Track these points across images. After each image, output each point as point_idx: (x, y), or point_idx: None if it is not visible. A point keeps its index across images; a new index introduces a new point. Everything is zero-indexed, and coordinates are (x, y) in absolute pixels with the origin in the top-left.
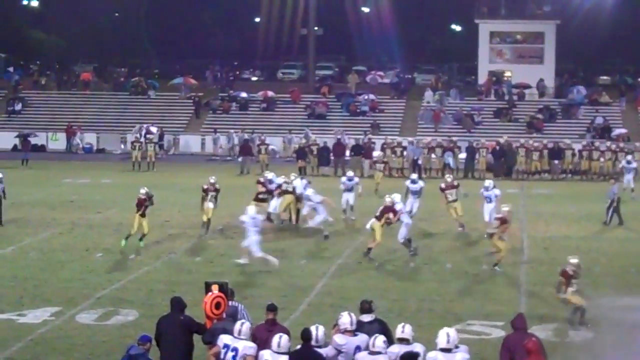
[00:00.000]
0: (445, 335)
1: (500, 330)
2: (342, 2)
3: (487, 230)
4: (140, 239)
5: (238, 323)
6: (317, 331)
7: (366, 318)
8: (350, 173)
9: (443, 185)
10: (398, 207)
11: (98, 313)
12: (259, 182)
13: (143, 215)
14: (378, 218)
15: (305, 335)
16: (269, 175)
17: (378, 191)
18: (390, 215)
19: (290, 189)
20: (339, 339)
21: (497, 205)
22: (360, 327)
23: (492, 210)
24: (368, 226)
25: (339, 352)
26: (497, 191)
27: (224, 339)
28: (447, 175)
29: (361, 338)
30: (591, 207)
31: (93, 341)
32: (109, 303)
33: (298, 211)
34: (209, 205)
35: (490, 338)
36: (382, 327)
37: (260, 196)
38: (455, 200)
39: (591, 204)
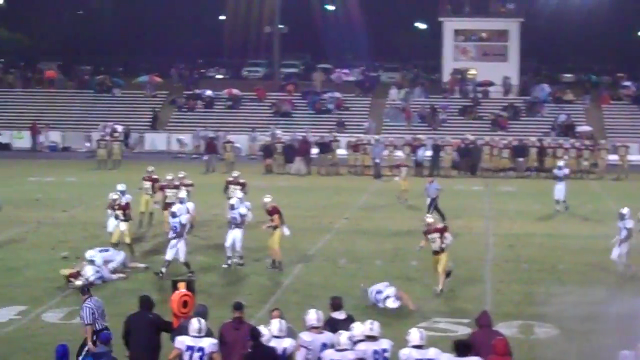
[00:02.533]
0: (418, 332)
1: (465, 328)
2: (307, 0)
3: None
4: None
5: (195, 321)
6: (280, 324)
7: (339, 315)
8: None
9: (425, 229)
10: None
11: (64, 312)
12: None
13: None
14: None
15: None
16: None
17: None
18: None
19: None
20: (305, 336)
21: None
22: (335, 324)
23: None
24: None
25: (307, 349)
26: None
27: (184, 340)
28: (427, 216)
29: (327, 336)
30: (566, 202)
31: (59, 340)
32: (75, 302)
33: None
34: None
35: (456, 335)
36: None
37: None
38: (441, 251)
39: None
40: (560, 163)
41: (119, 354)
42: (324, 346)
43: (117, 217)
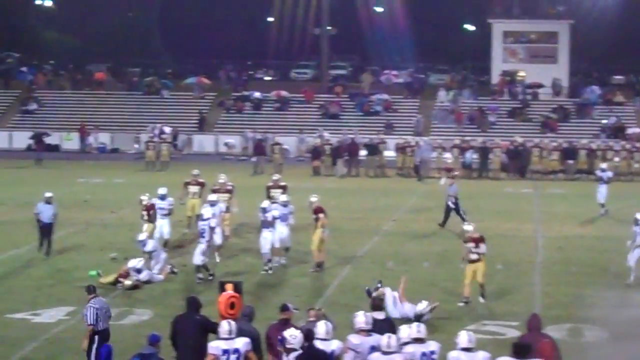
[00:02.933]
0: (467, 335)
1: (514, 330)
2: (355, 1)
3: None
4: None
5: (224, 323)
6: (327, 326)
7: (379, 316)
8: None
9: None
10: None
11: (112, 312)
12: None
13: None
14: None
15: (309, 335)
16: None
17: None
18: None
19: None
20: (353, 338)
21: None
22: (374, 324)
23: None
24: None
25: (355, 351)
26: None
27: (219, 345)
28: (465, 224)
29: (376, 338)
30: (606, 207)
31: (109, 340)
32: (124, 303)
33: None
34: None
35: (505, 338)
36: (391, 326)
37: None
38: (478, 260)
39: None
40: (603, 165)
41: (167, 355)
42: (372, 349)
43: (142, 217)
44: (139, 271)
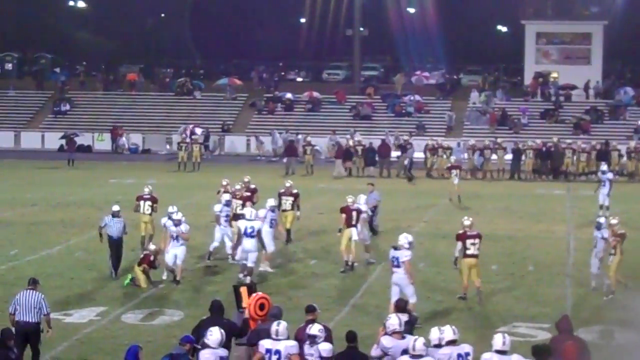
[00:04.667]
0: (502, 337)
1: (545, 333)
2: (388, 2)
3: None
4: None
5: (274, 324)
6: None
7: (402, 317)
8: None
9: (461, 231)
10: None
11: (144, 313)
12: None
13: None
14: None
15: (350, 336)
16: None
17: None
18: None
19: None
20: (386, 341)
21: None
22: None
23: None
24: None
25: (385, 354)
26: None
27: (264, 344)
28: (465, 218)
29: (407, 341)
30: (638, 209)
31: (138, 341)
32: (155, 303)
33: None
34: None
35: (536, 340)
36: (410, 328)
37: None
38: (474, 256)
39: (637, 206)
40: (604, 167)
41: None
42: (405, 352)
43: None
44: (179, 222)
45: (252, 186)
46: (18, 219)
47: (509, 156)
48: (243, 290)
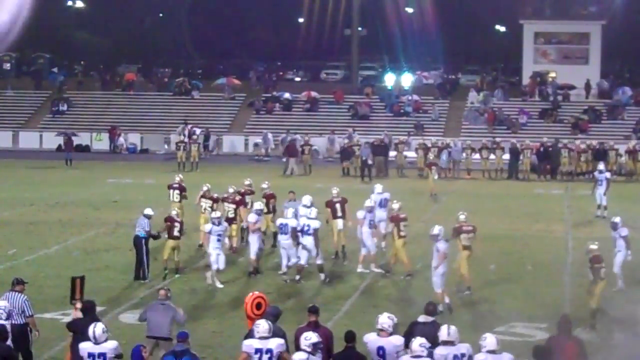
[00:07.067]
0: (494, 337)
1: (543, 332)
2: (386, 2)
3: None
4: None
5: (263, 322)
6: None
7: (421, 319)
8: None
9: (457, 225)
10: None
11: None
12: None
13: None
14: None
15: (349, 336)
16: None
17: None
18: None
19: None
20: (439, 350)
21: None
22: (414, 326)
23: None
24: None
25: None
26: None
27: (252, 344)
28: (460, 213)
29: (460, 347)
30: (636, 209)
31: (136, 341)
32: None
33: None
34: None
35: (534, 340)
36: (436, 329)
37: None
38: (467, 247)
39: (636, 205)
40: (601, 166)
41: None
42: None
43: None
44: (219, 221)
45: (269, 192)
46: (16, 218)
47: (506, 156)
48: (77, 282)
